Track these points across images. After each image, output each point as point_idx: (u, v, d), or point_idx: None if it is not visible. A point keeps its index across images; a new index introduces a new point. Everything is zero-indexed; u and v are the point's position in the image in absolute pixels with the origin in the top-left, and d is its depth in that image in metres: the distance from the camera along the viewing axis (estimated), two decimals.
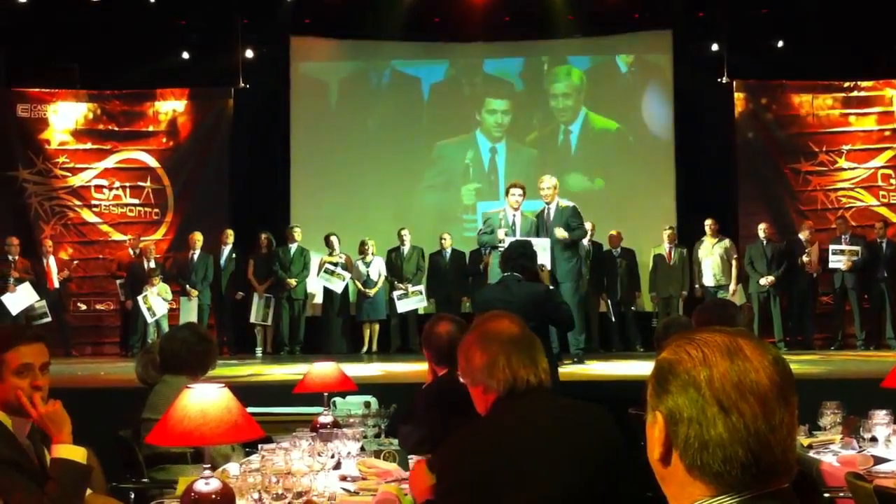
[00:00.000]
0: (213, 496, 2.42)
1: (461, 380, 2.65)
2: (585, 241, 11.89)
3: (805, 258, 11.74)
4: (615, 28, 13.55)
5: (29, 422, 2.93)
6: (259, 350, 12.09)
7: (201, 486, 2.44)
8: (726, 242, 11.83)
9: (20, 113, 13.23)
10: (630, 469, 2.46)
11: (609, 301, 12.09)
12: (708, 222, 11.84)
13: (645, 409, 1.42)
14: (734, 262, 11.78)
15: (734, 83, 13.05)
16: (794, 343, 11.74)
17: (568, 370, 8.32)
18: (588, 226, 11.78)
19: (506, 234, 8.62)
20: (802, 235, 11.90)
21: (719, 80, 12.97)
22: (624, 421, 3.67)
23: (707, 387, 1.33)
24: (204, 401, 2.48)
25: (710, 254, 11.75)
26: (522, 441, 2.38)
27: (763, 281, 11.66)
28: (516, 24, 13.46)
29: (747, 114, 13.18)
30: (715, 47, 13.05)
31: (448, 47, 13.86)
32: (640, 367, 8.59)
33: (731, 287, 11.68)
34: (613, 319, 12.10)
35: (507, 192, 9.12)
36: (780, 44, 12.98)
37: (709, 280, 11.72)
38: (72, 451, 2.89)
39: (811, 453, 3.80)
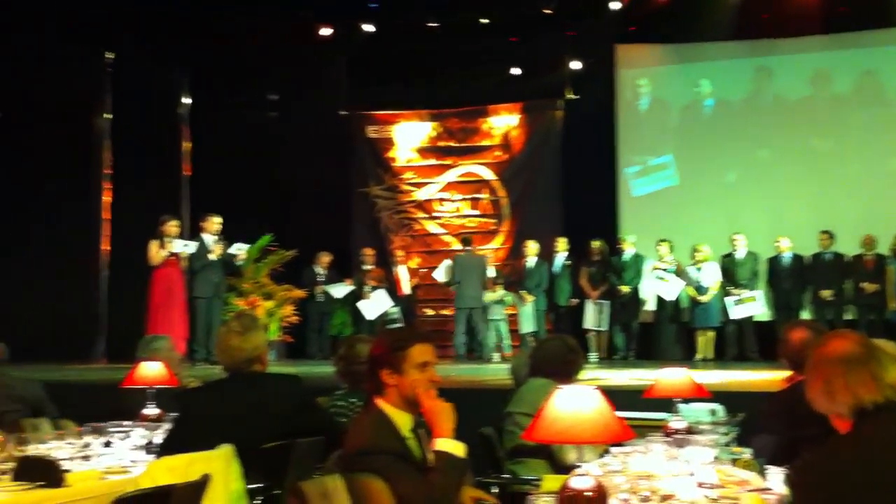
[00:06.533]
0: (589, 493, 2.55)
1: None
2: None
3: None
4: None
5: (412, 417, 3.20)
6: (593, 355, 12.28)
7: (577, 484, 2.56)
8: None
9: (370, 134, 14.50)
10: None
11: None
12: None
13: None
14: None
15: None
16: None
17: None
18: None
19: None
20: None
21: None
22: None
23: None
24: (577, 402, 2.63)
25: None
26: (877, 463, 2.32)
27: None
28: (854, 13, 12.62)
29: None
30: None
31: (777, 44, 13.26)
32: None
33: None
34: None
35: None
36: None
37: None
38: (453, 446, 3.11)
39: None
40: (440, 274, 12.73)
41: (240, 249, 10.81)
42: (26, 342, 9.18)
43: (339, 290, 12.59)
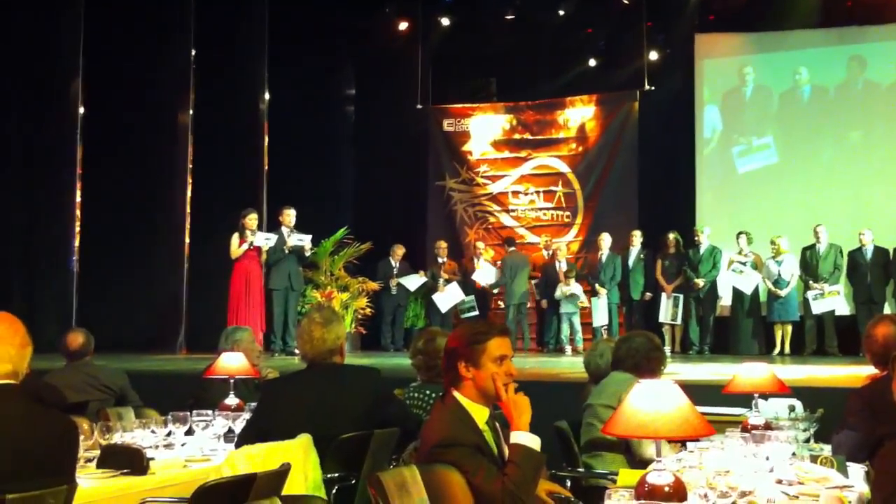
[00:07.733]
0: (667, 489, 2.54)
1: None
2: None
3: None
4: None
5: (488, 410, 3.20)
6: (668, 349, 12.12)
7: (655, 479, 2.56)
8: None
9: (446, 127, 14.57)
10: None
11: None
12: None
13: None
14: None
15: None
16: None
17: None
18: None
19: None
20: None
21: None
22: None
23: None
24: (657, 396, 2.62)
25: None
26: None
27: None
28: None
29: None
30: None
31: (865, 31, 12.86)
32: None
33: None
34: None
35: None
36: None
37: None
38: (530, 439, 3.10)
39: None
40: (487, 277, 12.73)
41: (301, 240, 10.92)
42: (110, 332, 9.45)
43: (413, 282, 12.69)
